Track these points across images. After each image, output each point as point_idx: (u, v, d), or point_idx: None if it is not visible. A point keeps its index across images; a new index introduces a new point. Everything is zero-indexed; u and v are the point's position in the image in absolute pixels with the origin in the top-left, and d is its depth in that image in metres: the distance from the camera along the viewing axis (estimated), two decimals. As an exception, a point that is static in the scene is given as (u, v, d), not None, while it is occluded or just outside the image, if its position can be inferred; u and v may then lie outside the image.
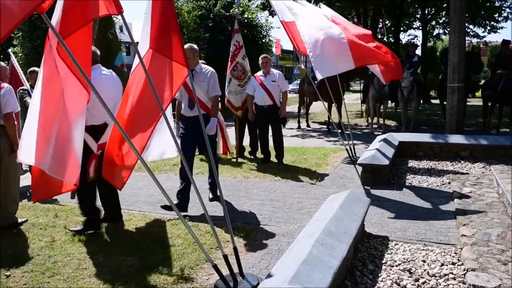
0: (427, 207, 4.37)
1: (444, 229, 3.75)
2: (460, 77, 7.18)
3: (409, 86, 9.16)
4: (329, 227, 2.83)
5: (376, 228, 3.81)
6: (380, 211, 4.26)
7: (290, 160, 6.98)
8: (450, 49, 7.22)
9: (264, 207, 4.59)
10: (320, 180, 5.68)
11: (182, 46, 2.87)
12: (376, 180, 5.24)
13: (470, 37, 19.81)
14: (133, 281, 2.97)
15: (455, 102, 7.25)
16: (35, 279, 3.07)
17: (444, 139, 6.59)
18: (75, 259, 3.39)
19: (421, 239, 3.55)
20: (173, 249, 3.51)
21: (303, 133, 11.04)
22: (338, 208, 3.22)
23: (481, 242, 3.30)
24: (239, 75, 6.42)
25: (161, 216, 4.35)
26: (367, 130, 10.85)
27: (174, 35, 2.81)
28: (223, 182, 5.63)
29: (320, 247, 2.52)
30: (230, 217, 4.18)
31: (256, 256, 3.34)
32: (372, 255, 3.21)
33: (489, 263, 2.94)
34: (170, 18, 2.83)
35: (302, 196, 4.97)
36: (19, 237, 3.87)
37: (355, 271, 2.90)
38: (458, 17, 6.95)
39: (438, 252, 3.25)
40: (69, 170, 2.75)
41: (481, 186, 4.92)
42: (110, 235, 3.88)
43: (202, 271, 3.10)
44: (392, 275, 2.88)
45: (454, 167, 6.05)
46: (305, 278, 2.14)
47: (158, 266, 3.19)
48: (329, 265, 2.36)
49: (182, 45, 2.87)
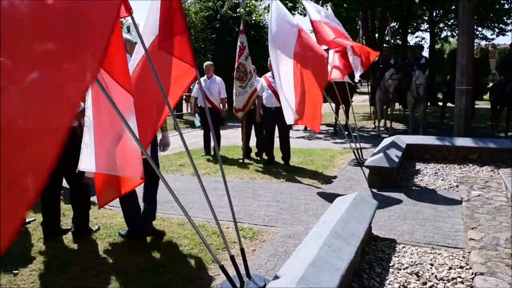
0: (435, 210, 4.33)
1: (452, 233, 3.72)
2: (468, 80, 7.13)
3: (424, 83, 9.01)
4: (336, 229, 2.81)
5: (384, 230, 3.79)
6: (387, 214, 4.23)
7: (296, 162, 6.97)
8: (459, 51, 7.18)
9: (270, 208, 4.59)
10: (327, 182, 5.66)
11: (191, 46, 2.87)
12: (384, 183, 5.22)
13: (479, 39, 19.67)
14: (139, 281, 2.99)
15: (463, 105, 7.20)
16: (42, 278, 3.09)
17: (452, 142, 6.55)
18: (81, 259, 3.41)
19: (429, 242, 3.52)
20: (179, 249, 3.52)
21: (309, 134, 11.01)
22: (345, 210, 3.21)
23: (489, 246, 3.27)
24: (241, 76, 6.42)
25: (168, 216, 4.36)
26: (375, 133, 10.80)
27: (183, 36, 2.81)
28: (230, 183, 5.61)
29: (327, 249, 2.51)
30: (237, 218, 4.20)
31: (263, 257, 3.33)
32: (380, 258, 3.19)
33: (498, 268, 2.91)
34: (178, 18, 2.83)
35: (309, 198, 4.95)
36: (26, 236, 3.89)
37: (362, 273, 2.89)
38: (467, 19, 6.90)
39: (446, 256, 3.22)
40: (132, 165, 2.73)
41: (490, 189, 4.87)
42: (116, 235, 3.89)
43: (208, 272, 3.10)
44: (400, 278, 2.86)
45: (462, 170, 6.00)
46: (312, 280, 2.14)
47: (165, 266, 3.20)
48: (337, 267, 2.35)
49: (191, 45, 2.88)
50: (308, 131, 11.47)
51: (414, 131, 9.91)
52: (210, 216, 3.27)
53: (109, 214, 4.46)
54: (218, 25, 17.72)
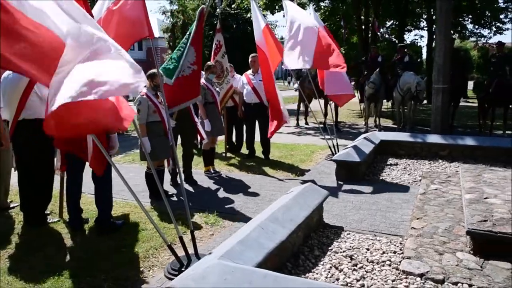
0: (390, 202, 4.61)
1: (398, 222, 4.00)
2: (445, 78, 7.35)
3: (425, 87, 9.06)
4: (276, 214, 3.12)
5: (335, 219, 4.09)
6: (343, 204, 4.52)
7: (277, 156, 7.26)
8: (436, 50, 7.40)
9: (238, 198, 4.90)
10: (299, 175, 5.95)
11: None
12: (351, 176, 5.50)
13: (476, 37, 19.73)
14: (107, 261, 3.29)
15: (439, 103, 7.44)
16: (18, 256, 3.43)
17: (424, 139, 6.80)
18: (58, 240, 3.74)
19: (373, 230, 3.81)
20: (144, 232, 3.85)
21: (300, 130, 11.27)
22: (292, 198, 3.51)
23: (426, 234, 3.54)
24: (218, 73, 6.70)
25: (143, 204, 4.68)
26: (364, 130, 11.04)
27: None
28: (207, 175, 5.97)
29: (260, 230, 2.81)
30: (205, 206, 4.52)
31: (218, 240, 3.64)
32: (322, 242, 3.49)
33: (426, 253, 3.19)
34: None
35: (277, 189, 5.25)
36: (9, 219, 4.24)
37: (301, 255, 3.19)
38: (444, 20, 7.12)
39: (384, 242, 3.51)
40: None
41: (449, 184, 5.13)
42: (92, 220, 4.21)
43: (165, 252, 3.42)
44: (334, 260, 3.15)
45: (431, 166, 6.26)
46: (236, 256, 2.44)
47: (128, 247, 3.53)
48: (264, 247, 2.66)
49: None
50: (299, 127, 11.73)
51: (402, 129, 10.14)
52: (183, 205, 3.50)
53: (87, 201, 4.79)
54: (215, 22, 17.96)
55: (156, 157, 4.59)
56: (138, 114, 4.48)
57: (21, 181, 4.09)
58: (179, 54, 4.59)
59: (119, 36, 3.27)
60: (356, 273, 2.95)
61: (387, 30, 21.11)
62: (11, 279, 3.03)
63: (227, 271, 2.23)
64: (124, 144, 8.08)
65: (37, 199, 4.07)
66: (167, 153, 4.65)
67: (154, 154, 4.48)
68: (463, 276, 2.82)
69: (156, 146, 4.50)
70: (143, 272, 3.13)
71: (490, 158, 6.21)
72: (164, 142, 4.53)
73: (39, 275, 3.05)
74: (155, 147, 4.49)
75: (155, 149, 4.49)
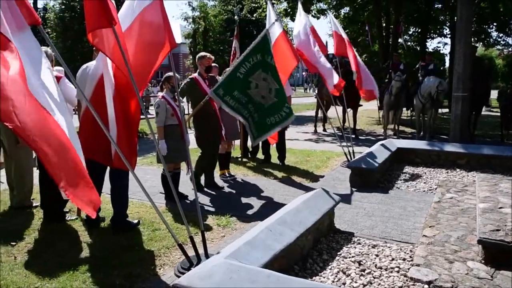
0: (403, 210, 4.58)
1: (409, 230, 3.98)
2: (465, 86, 7.25)
3: (446, 88, 8.77)
4: (284, 218, 3.16)
5: (347, 225, 4.09)
6: (356, 211, 4.52)
7: (292, 161, 7.29)
8: (455, 58, 7.31)
9: (251, 202, 4.96)
10: (313, 181, 5.97)
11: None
12: (364, 183, 5.48)
13: (502, 46, 19.34)
14: (118, 258, 3.39)
15: (459, 111, 7.34)
16: (33, 251, 3.57)
17: (441, 147, 6.71)
18: (75, 237, 3.88)
19: (384, 237, 3.80)
20: (157, 232, 3.95)
21: (317, 137, 11.26)
22: (302, 202, 3.54)
23: (438, 242, 3.52)
24: None
25: (156, 205, 4.79)
26: (383, 137, 10.95)
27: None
28: (223, 179, 6.05)
29: (268, 232, 2.86)
30: (218, 209, 4.60)
31: (228, 242, 3.69)
32: (332, 247, 3.50)
33: (436, 261, 3.17)
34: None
35: (290, 194, 5.28)
36: (29, 216, 4.41)
37: (309, 259, 3.22)
38: (464, 28, 7.04)
39: (394, 249, 3.50)
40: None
41: (465, 193, 5.05)
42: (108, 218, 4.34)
43: (176, 252, 3.50)
44: (342, 265, 3.17)
45: (448, 174, 6.18)
46: (242, 256, 2.50)
47: (141, 246, 3.63)
48: (271, 248, 2.70)
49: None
50: (317, 134, 11.73)
51: (422, 137, 10.00)
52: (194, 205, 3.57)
53: (105, 200, 4.93)
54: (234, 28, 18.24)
55: (172, 159, 4.70)
56: (156, 117, 4.63)
57: (42, 179, 4.25)
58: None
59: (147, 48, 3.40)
60: (364, 278, 2.96)
61: (409, 38, 20.90)
62: (27, 272, 3.16)
63: (232, 270, 2.29)
64: (145, 147, 8.27)
65: (56, 197, 4.21)
66: (183, 156, 4.75)
67: (169, 157, 4.59)
68: (472, 285, 2.79)
69: (172, 149, 4.61)
70: (154, 270, 3.21)
71: (509, 168, 6.08)
72: (180, 145, 4.63)
73: (54, 270, 3.17)
74: (171, 150, 4.60)
75: (170, 151, 4.60)
